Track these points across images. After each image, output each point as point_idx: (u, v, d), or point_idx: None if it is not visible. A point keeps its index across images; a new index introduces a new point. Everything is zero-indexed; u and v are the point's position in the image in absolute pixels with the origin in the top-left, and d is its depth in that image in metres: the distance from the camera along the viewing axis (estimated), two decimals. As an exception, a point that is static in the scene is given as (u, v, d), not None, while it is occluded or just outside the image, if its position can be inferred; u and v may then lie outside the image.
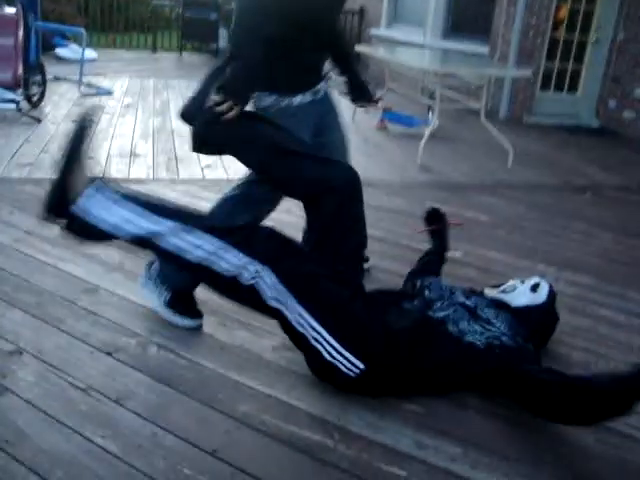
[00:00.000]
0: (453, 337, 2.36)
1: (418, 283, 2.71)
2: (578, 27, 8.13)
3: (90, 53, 11.26)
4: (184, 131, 6.22)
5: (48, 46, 11.25)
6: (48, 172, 4.75)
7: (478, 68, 6.60)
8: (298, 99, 2.71)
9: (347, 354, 2.21)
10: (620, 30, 7.97)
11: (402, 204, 4.66)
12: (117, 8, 13.46)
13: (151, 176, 4.87)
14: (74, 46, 10.87)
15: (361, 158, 5.68)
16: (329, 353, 2.22)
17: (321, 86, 2.83)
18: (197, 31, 12.33)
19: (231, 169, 5.09)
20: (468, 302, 2.52)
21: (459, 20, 9.06)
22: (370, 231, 3.38)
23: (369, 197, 3.42)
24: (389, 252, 3.77)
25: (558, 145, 7.17)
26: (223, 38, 12.46)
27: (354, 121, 7.20)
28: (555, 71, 8.36)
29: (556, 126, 8.06)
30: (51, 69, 9.25)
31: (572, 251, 4.08)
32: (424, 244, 3.43)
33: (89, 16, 13.28)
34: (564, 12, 8.09)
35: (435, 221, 3.38)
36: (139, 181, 4.70)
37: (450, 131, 7.14)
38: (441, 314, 2.43)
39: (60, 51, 10.83)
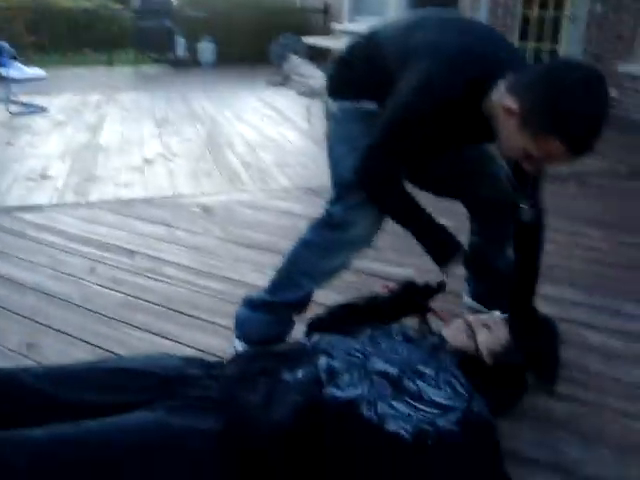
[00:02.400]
0: (371, 424, 1.59)
1: (314, 339, 1.88)
2: (552, 2, 7.40)
3: (36, 71, 10.58)
4: (112, 146, 5.66)
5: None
6: None
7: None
8: None
9: None
10: (597, 2, 7.23)
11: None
12: (83, 26, 12.76)
13: (54, 201, 4.11)
14: (18, 65, 10.14)
15: (309, 163, 4.98)
16: None
17: None
18: (152, 41, 11.57)
19: (151, 187, 4.36)
20: (391, 368, 1.70)
21: (422, 5, 8.31)
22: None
23: (308, 207, 2.84)
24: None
25: (538, 132, 6.42)
26: (180, 46, 11.76)
27: (309, 123, 6.49)
28: (531, 53, 7.63)
29: (535, 112, 7.32)
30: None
31: (553, 256, 3.30)
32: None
33: (39, 34, 12.54)
34: (535, -14, 7.37)
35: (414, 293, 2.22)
36: (37, 208, 3.95)
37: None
38: (350, 394, 1.63)
39: (3, 71, 10.09)
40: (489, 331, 1.86)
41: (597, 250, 3.42)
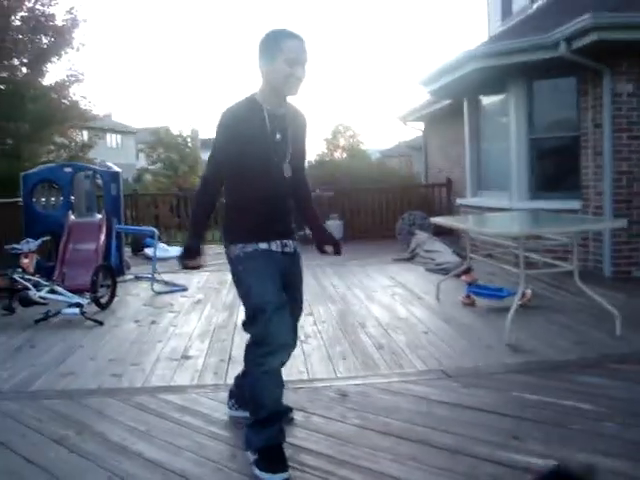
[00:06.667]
0: None
1: None
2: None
3: (176, 250, 11.35)
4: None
5: (140, 247, 11.53)
6: (87, 381, 4.33)
7: (558, 227, 5.86)
8: (264, 246, 3.02)
9: None
10: None
11: (483, 398, 3.79)
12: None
13: (195, 381, 4.30)
14: (162, 245, 10.97)
15: (441, 343, 4.97)
16: None
17: (290, 243, 3.15)
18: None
19: (287, 370, 4.45)
20: None
21: (545, 179, 8.46)
22: (439, 438, 2.62)
23: (443, 392, 2.79)
24: (456, 468, 2.91)
25: (680, 302, 6.14)
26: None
27: (439, 300, 6.55)
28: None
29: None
30: (135, 269, 9.33)
31: None
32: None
33: (181, 216, 13.61)
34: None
35: None
36: (180, 389, 4.15)
37: (546, 300, 6.31)
38: None
39: (148, 251, 10.93)
40: None
41: None
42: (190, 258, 3.03)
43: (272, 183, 3.04)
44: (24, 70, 16.31)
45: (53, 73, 39.52)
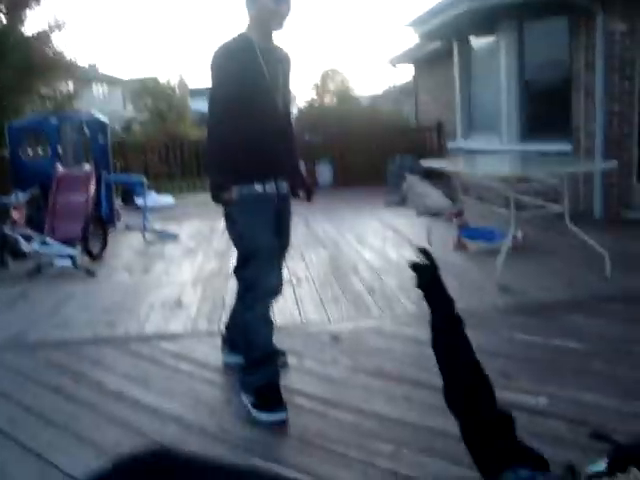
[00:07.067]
0: None
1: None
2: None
3: (166, 199, 11.34)
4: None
5: (130, 196, 11.46)
6: (82, 331, 4.36)
7: (548, 168, 5.86)
8: (259, 188, 3.06)
9: None
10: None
11: (473, 338, 3.77)
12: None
13: (189, 329, 4.34)
14: (153, 194, 10.92)
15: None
16: None
17: (284, 183, 3.22)
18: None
19: (280, 314, 4.48)
20: None
21: (535, 120, 8.42)
22: (431, 378, 2.49)
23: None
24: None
25: (667, 243, 6.20)
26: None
27: (430, 243, 6.56)
28: (651, 158, 7.50)
29: (662, 219, 7.09)
30: (126, 219, 9.30)
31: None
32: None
33: (170, 164, 13.50)
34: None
35: None
36: (174, 336, 4.19)
37: (536, 242, 6.34)
38: None
39: (138, 200, 10.88)
40: None
41: None
42: (222, 192, 3.01)
43: (267, 116, 3.09)
44: (3, 20, 15.91)
45: (34, 23, 38.68)
